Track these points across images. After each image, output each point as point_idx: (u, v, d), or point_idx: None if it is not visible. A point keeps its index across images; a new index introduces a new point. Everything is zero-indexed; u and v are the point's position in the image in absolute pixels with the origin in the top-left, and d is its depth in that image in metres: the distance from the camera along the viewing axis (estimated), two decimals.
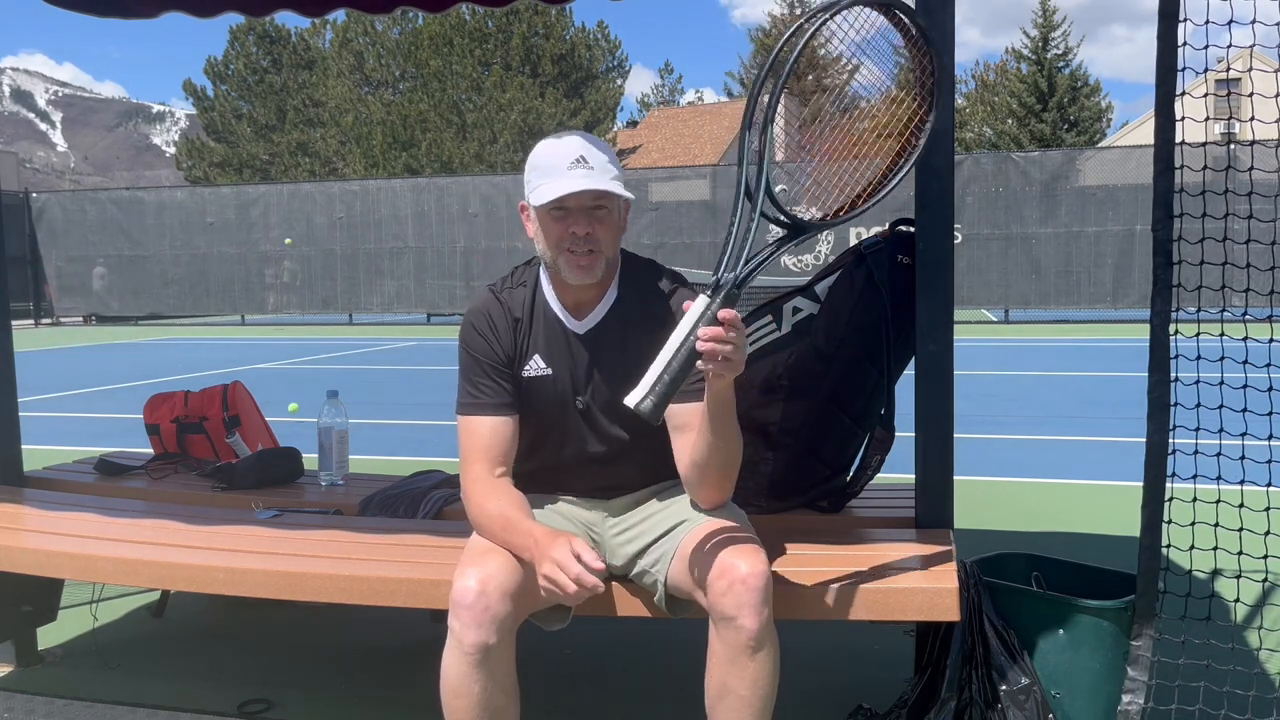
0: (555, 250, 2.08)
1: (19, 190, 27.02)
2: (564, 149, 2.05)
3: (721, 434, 1.98)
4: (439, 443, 6.96)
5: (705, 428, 1.97)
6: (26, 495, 3.17)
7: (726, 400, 1.95)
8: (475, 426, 2.14)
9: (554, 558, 1.85)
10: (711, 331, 1.78)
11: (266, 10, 3.76)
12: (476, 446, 2.12)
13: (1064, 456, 6.20)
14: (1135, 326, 15.59)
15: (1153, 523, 2.14)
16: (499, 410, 2.13)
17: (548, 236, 2.09)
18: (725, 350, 1.78)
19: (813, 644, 2.95)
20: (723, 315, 1.79)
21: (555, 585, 1.85)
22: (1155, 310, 2.12)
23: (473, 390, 2.15)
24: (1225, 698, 2.20)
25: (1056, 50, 43.32)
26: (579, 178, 2.01)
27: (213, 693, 2.84)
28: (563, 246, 2.06)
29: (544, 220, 2.08)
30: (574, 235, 2.04)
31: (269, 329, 20.86)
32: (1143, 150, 18.15)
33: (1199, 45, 2.07)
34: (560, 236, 2.06)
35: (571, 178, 2.02)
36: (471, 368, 2.16)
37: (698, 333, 1.79)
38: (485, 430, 2.12)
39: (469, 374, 2.16)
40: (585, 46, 39.74)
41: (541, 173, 2.06)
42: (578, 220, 2.04)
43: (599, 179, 2.02)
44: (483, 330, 2.17)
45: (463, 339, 2.19)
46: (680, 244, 20.41)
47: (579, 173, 2.02)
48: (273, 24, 42.24)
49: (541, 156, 2.09)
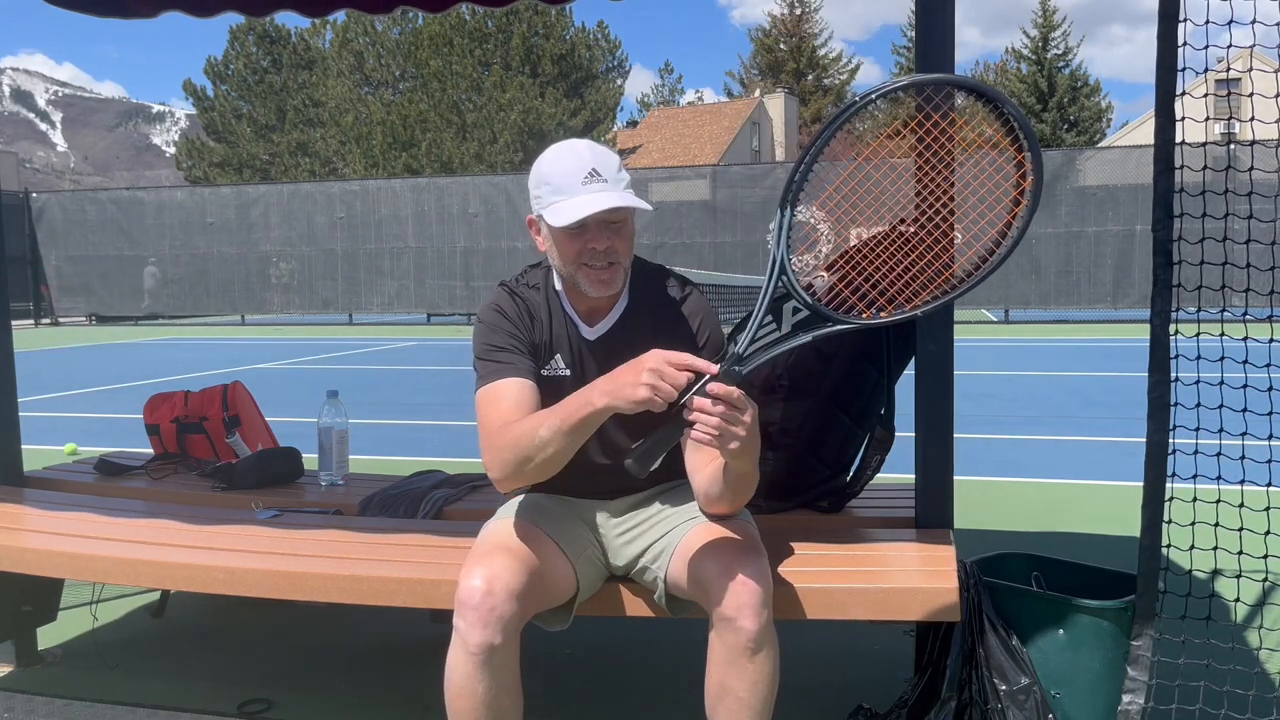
0: (573, 265, 2.03)
1: (19, 190, 27.01)
2: (575, 162, 1.99)
3: (738, 482, 1.98)
4: (439, 443, 6.96)
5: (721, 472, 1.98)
6: (26, 495, 3.17)
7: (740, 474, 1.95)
8: (504, 388, 2.04)
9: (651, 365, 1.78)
10: (701, 404, 1.76)
11: (266, 10, 3.76)
12: (503, 407, 2.01)
13: (1064, 456, 6.20)
14: (1135, 326, 15.60)
15: (1153, 522, 2.14)
16: (525, 374, 2.06)
17: (564, 253, 2.03)
18: (714, 425, 1.76)
19: (813, 644, 2.95)
20: (712, 389, 1.76)
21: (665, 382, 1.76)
22: (1155, 310, 2.12)
23: (498, 360, 2.07)
24: (1225, 697, 2.20)
25: (1056, 50, 43.37)
26: (597, 193, 1.96)
27: (213, 693, 2.84)
28: (580, 261, 2.02)
29: (559, 237, 2.02)
30: (593, 250, 2.00)
31: (269, 329, 20.86)
32: (1142, 150, 18.17)
33: (1199, 45, 2.07)
34: (579, 252, 2.01)
35: (590, 194, 1.96)
36: (495, 342, 2.08)
37: (689, 403, 1.77)
38: (512, 390, 2.03)
39: (491, 350, 2.08)
40: (585, 46, 39.73)
41: (555, 189, 2.00)
42: (596, 236, 1.99)
43: (616, 193, 1.98)
44: (510, 315, 2.11)
45: (485, 323, 2.11)
46: (680, 244, 20.43)
47: (595, 187, 1.97)
48: (273, 24, 42.26)
49: (552, 171, 2.01)
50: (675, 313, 2.14)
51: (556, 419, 1.90)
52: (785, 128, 51.14)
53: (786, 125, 51.32)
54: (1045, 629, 2.24)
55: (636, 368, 1.80)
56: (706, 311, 2.17)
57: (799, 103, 53.34)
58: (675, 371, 1.77)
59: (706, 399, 1.76)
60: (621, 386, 1.81)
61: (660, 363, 1.78)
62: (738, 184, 20.62)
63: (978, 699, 2.21)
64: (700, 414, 1.76)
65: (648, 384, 1.77)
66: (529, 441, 1.93)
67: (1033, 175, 1.88)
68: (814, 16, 54.46)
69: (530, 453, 1.94)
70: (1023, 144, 1.88)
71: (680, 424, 1.79)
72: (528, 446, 1.93)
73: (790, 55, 54.08)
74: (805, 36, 54.28)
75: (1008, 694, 2.19)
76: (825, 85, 54.67)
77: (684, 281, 2.21)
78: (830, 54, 55.33)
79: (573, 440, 1.92)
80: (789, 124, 51.49)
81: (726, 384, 1.78)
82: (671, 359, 1.78)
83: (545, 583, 2.02)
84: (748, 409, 1.80)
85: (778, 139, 51.04)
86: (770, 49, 54.83)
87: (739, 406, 1.78)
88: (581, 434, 1.91)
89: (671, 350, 1.80)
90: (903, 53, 50.41)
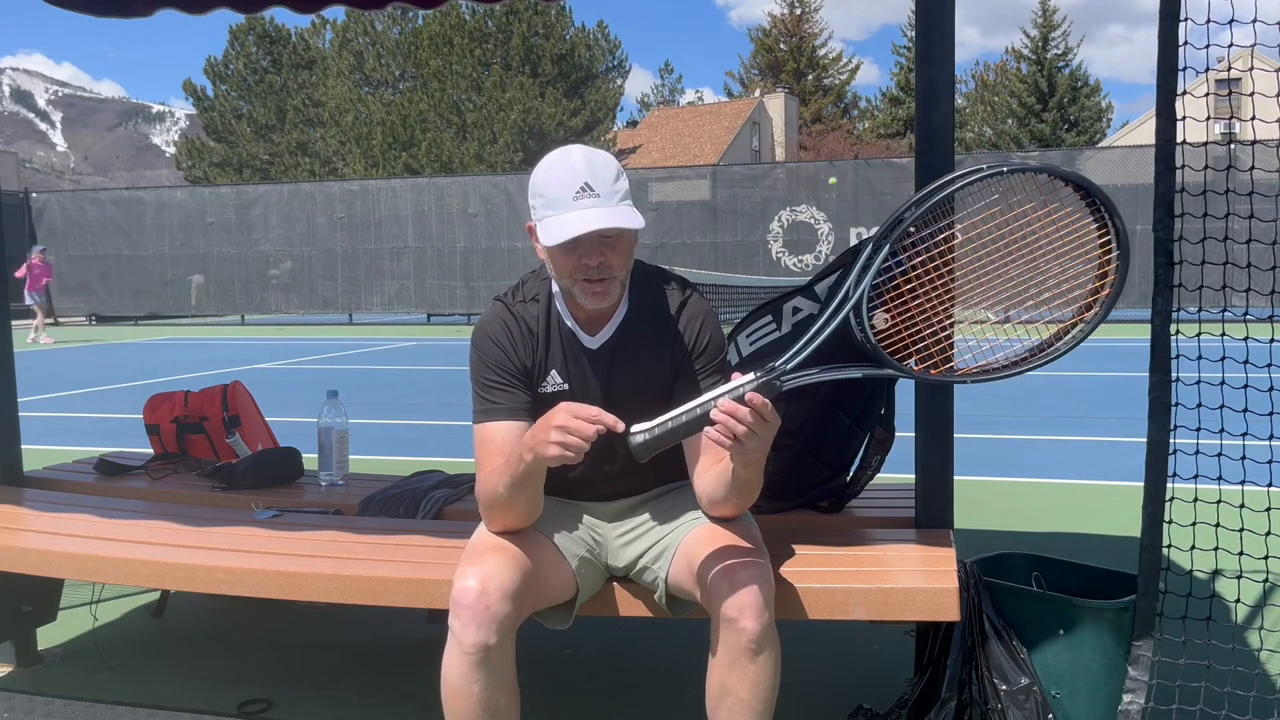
0: (569, 280, 2.02)
1: (19, 190, 27.02)
2: (568, 174, 1.95)
3: (744, 488, 1.98)
4: (439, 443, 6.96)
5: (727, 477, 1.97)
6: (26, 495, 3.17)
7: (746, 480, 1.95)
8: (491, 433, 2.07)
9: (558, 422, 1.81)
10: (730, 406, 1.77)
11: (260, 6, 3.74)
12: (493, 452, 2.05)
13: (1064, 456, 6.19)
14: (1135, 326, 15.52)
15: (1154, 522, 2.14)
16: (515, 415, 2.08)
17: (558, 267, 2.03)
18: (737, 430, 1.77)
19: (813, 644, 2.95)
20: (750, 398, 1.77)
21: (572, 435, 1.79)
22: (1156, 310, 2.12)
23: (489, 399, 2.09)
24: (1226, 698, 2.20)
25: (1056, 50, 43.38)
26: (588, 209, 1.93)
27: (213, 693, 2.84)
28: (576, 277, 2.01)
29: (553, 252, 2.01)
30: (586, 266, 1.99)
31: (269, 329, 20.86)
32: (1142, 150, 18.18)
33: (1200, 44, 2.07)
34: (573, 267, 1.99)
35: (581, 211, 1.93)
36: (486, 377, 2.09)
37: (718, 403, 1.78)
38: (501, 435, 2.06)
39: (484, 384, 2.10)
40: (585, 46, 39.75)
41: (548, 203, 1.97)
42: (589, 252, 1.97)
43: (608, 209, 1.94)
44: (499, 341, 2.10)
45: (477, 349, 2.12)
46: (680, 244, 20.44)
47: (587, 202, 1.94)
48: (273, 24, 42.30)
49: (546, 183, 1.98)
50: (676, 317, 2.13)
51: (507, 475, 1.96)
52: (785, 128, 51.14)
53: (786, 125, 51.32)
54: (1045, 629, 2.23)
55: (546, 424, 1.84)
56: (707, 315, 2.16)
57: (799, 103, 53.35)
58: (582, 423, 1.80)
59: (739, 405, 1.77)
60: (537, 443, 1.85)
61: (567, 418, 1.81)
62: (738, 184, 20.63)
63: (978, 699, 2.21)
64: (727, 416, 1.77)
65: (555, 441, 1.81)
66: (495, 497, 2.01)
67: (1111, 290, 1.93)
68: (814, 16, 54.50)
69: (499, 506, 2.02)
70: (1114, 257, 1.92)
71: (701, 421, 1.79)
72: (496, 501, 2.02)
73: (790, 55, 54.09)
74: (805, 36, 54.29)
75: (1008, 694, 2.18)
76: (825, 85, 54.69)
77: (684, 284, 2.19)
78: (830, 54, 55.36)
79: (529, 489, 1.98)
80: (789, 124, 51.50)
81: (764, 395, 1.78)
82: (578, 412, 1.81)
83: (541, 582, 2.02)
84: (773, 424, 1.81)
85: (778, 139, 51.04)
86: (770, 49, 54.83)
87: (767, 420, 1.79)
88: (533, 482, 1.97)
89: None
90: (903, 53, 50.41)
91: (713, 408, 1.78)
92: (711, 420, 1.78)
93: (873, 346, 1.93)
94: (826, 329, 1.92)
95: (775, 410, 1.81)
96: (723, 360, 2.14)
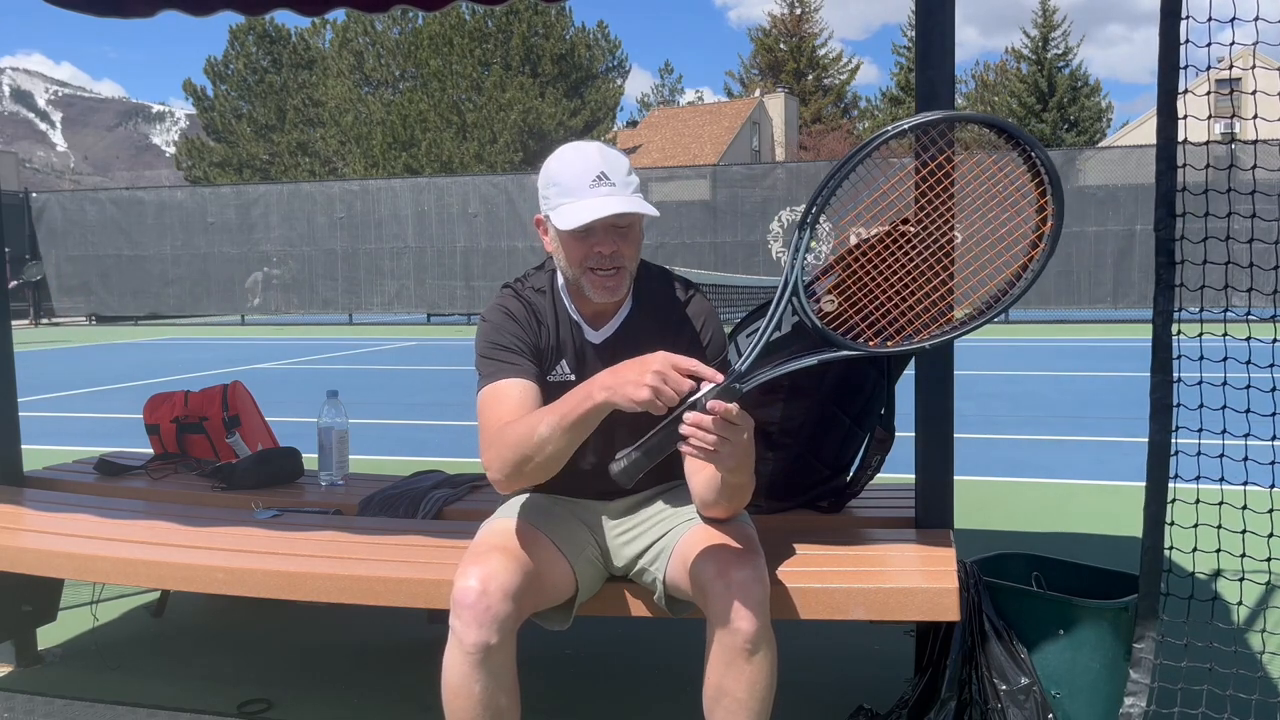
0: (579, 269, 2.02)
1: (19, 190, 27.01)
2: (584, 164, 1.97)
3: (733, 492, 1.97)
4: (439, 443, 6.96)
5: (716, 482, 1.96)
6: (26, 495, 3.17)
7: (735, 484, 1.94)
8: (503, 389, 2.01)
9: (656, 367, 1.74)
10: (694, 418, 1.74)
11: (263, 9, 3.75)
12: (505, 407, 1.98)
13: (1064, 456, 6.19)
14: (1135, 326, 15.61)
15: (1155, 524, 2.14)
16: (529, 375, 2.04)
17: (570, 255, 2.02)
18: (708, 439, 1.74)
19: (813, 644, 2.95)
20: (712, 405, 1.73)
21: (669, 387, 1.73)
22: (1157, 310, 2.11)
23: (499, 361, 2.04)
24: (1228, 701, 2.19)
25: (1056, 50, 43.38)
26: (604, 198, 1.95)
27: (213, 693, 2.84)
28: (586, 266, 2.00)
29: (565, 240, 2.01)
30: (599, 254, 1.99)
31: (269, 329, 20.86)
32: (1143, 150, 18.18)
33: (1201, 43, 2.07)
34: (585, 256, 2.00)
35: (596, 198, 1.95)
36: (499, 343, 2.06)
37: (684, 416, 1.74)
38: (515, 391, 2.01)
39: (495, 349, 2.06)
40: (585, 46, 39.78)
41: (563, 191, 1.98)
42: (602, 240, 1.98)
43: (624, 198, 1.96)
44: (516, 315, 2.09)
45: (490, 322, 2.09)
46: (680, 244, 20.44)
47: (603, 190, 1.95)
48: (273, 24, 42.31)
49: (561, 173, 2.00)
50: (680, 316, 2.13)
51: (556, 415, 1.87)
52: (785, 127, 51.15)
53: (786, 125, 51.33)
54: (1045, 629, 2.23)
55: (641, 366, 1.77)
56: (710, 315, 2.17)
57: (799, 102, 53.36)
58: (679, 376, 1.74)
59: (704, 415, 1.73)
60: (624, 384, 1.77)
61: (665, 365, 1.75)
62: (738, 184, 20.63)
63: (978, 699, 2.21)
64: (695, 429, 1.74)
65: (650, 385, 1.74)
66: (528, 440, 1.90)
67: (1053, 221, 1.87)
68: (814, 16, 54.51)
69: (530, 451, 1.91)
70: (1047, 189, 1.87)
71: (673, 437, 1.76)
72: (527, 445, 1.91)
73: (790, 55, 54.10)
74: (805, 36, 54.30)
75: (1008, 694, 2.18)
76: (825, 85, 54.70)
77: (687, 284, 2.20)
78: (830, 54, 55.39)
79: (572, 437, 1.89)
80: (789, 124, 51.51)
81: (725, 400, 1.75)
82: (678, 363, 1.75)
83: (542, 582, 2.01)
84: (744, 427, 1.79)
85: (778, 139, 51.05)
86: (770, 49, 54.85)
87: (736, 424, 1.76)
88: (582, 430, 1.88)
89: (677, 354, 1.78)
90: (903, 52, 50.40)
91: (680, 422, 1.75)
92: (683, 435, 1.75)
93: (821, 329, 1.90)
94: (771, 321, 1.89)
95: (744, 412, 1.78)
96: (723, 360, 2.14)
